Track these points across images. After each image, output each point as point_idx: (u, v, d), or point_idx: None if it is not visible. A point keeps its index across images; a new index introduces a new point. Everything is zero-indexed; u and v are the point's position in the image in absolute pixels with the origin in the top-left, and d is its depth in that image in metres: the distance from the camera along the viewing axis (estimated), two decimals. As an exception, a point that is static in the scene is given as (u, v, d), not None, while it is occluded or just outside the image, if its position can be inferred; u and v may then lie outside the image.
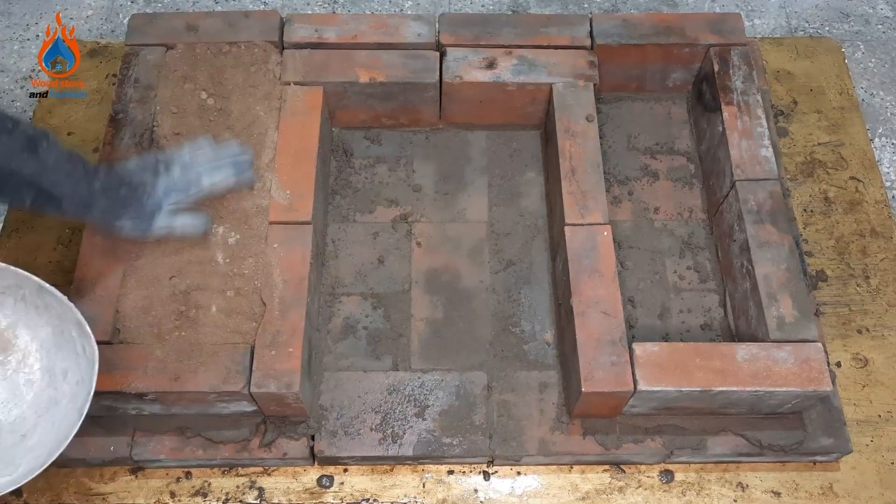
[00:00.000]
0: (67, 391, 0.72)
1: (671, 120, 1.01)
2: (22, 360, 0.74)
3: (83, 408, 0.67)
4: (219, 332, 0.78)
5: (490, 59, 0.93)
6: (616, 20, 0.96)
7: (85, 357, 0.70)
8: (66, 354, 0.72)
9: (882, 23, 1.73)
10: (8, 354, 0.74)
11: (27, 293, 0.72)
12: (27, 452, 0.69)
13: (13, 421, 0.72)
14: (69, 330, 0.71)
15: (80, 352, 0.71)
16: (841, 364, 0.89)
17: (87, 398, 0.67)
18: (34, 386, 0.74)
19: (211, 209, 0.84)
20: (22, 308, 0.74)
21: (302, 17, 0.96)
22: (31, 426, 0.72)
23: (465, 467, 0.83)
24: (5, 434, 0.72)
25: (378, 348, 0.87)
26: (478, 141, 1.00)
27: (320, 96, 0.90)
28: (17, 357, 0.74)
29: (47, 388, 0.73)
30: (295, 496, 0.82)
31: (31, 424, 0.72)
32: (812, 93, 1.07)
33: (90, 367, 0.69)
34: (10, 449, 0.70)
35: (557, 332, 0.87)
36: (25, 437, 0.71)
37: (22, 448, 0.70)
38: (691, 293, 0.90)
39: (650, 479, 0.83)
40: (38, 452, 0.68)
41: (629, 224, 0.94)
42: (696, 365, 0.76)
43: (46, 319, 0.73)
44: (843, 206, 0.99)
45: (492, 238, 0.93)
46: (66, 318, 0.71)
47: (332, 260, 0.91)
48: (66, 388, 0.72)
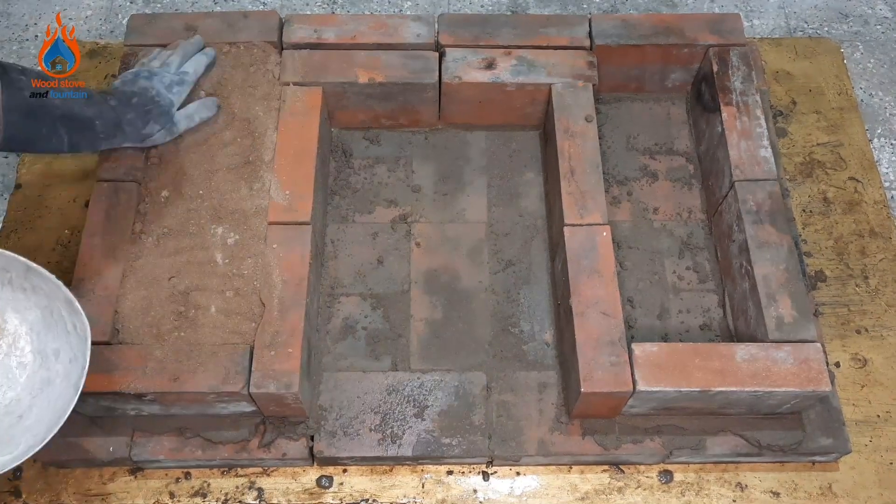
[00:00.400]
0: (61, 370, 0.72)
1: (670, 120, 1.01)
2: (12, 344, 0.75)
3: (78, 383, 0.68)
4: (218, 333, 0.78)
5: (489, 59, 0.93)
6: (615, 21, 0.96)
7: (76, 334, 0.71)
8: (57, 334, 0.73)
9: (881, 23, 1.73)
10: None
11: (13, 276, 0.73)
12: (25, 431, 0.70)
13: (8, 403, 0.73)
14: (58, 309, 0.72)
15: (71, 329, 0.72)
16: (840, 364, 0.89)
17: (82, 373, 0.68)
18: (27, 368, 0.74)
19: (210, 208, 0.84)
20: (9, 292, 0.74)
21: (301, 18, 0.96)
22: (27, 407, 0.72)
23: (464, 468, 0.83)
24: (2, 416, 0.72)
25: (377, 349, 0.87)
26: (477, 141, 1.00)
27: (319, 97, 0.90)
28: (7, 341, 0.75)
29: (40, 370, 0.74)
30: (294, 496, 0.82)
31: (26, 405, 0.72)
32: (811, 93, 1.07)
33: (82, 343, 0.70)
34: (8, 430, 0.71)
35: (556, 333, 0.87)
36: (22, 418, 0.72)
37: (20, 428, 0.71)
38: (690, 293, 0.90)
39: (649, 480, 0.83)
40: (37, 430, 0.68)
41: (628, 224, 0.94)
42: (695, 365, 0.76)
43: (34, 301, 0.74)
44: (842, 206, 0.99)
45: (491, 238, 0.93)
46: (55, 296, 0.71)
47: (332, 260, 0.92)
48: (59, 368, 0.73)
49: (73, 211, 0.96)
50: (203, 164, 0.87)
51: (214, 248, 0.82)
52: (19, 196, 0.98)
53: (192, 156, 0.87)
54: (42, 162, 1.00)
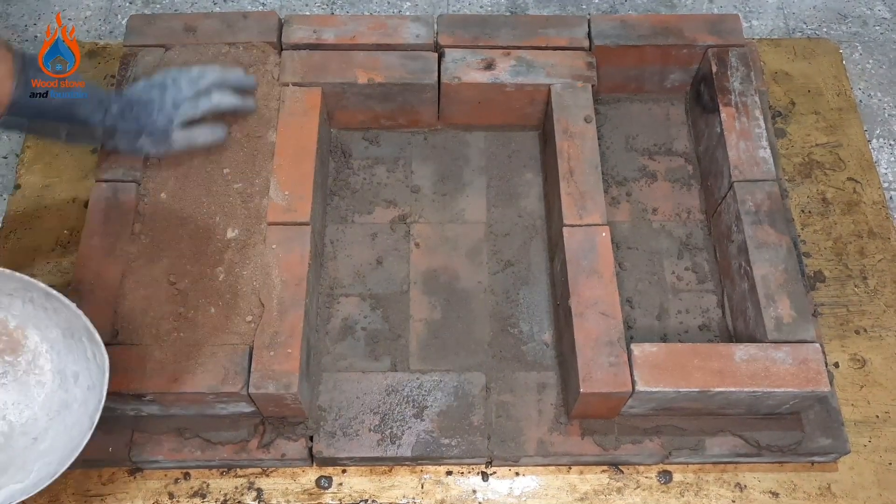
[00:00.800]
0: (79, 395, 0.71)
1: (669, 121, 1.01)
2: (32, 361, 0.73)
3: (94, 415, 0.66)
4: (217, 333, 0.78)
5: (488, 60, 0.93)
6: (614, 21, 0.96)
7: (95, 363, 0.69)
8: (77, 358, 0.71)
9: (879, 24, 1.74)
10: (18, 355, 0.73)
11: (35, 296, 0.71)
12: (39, 458, 0.68)
13: (25, 422, 0.71)
14: (79, 334, 0.70)
15: (91, 357, 0.70)
16: (839, 364, 0.89)
17: (98, 406, 0.66)
18: (45, 387, 0.72)
19: (210, 209, 0.84)
20: (30, 310, 0.72)
21: (300, 18, 0.96)
22: (43, 429, 0.71)
23: (463, 468, 0.83)
24: (17, 436, 0.70)
25: (376, 349, 0.87)
26: (476, 142, 1.00)
27: (319, 97, 0.90)
28: (26, 358, 0.73)
29: (58, 391, 0.72)
30: (293, 497, 0.82)
31: (42, 427, 0.71)
32: (810, 94, 1.07)
33: (101, 374, 0.68)
34: (23, 452, 0.69)
35: (556, 333, 0.87)
36: (37, 441, 0.70)
37: (34, 452, 0.69)
38: (689, 294, 0.90)
39: (648, 480, 0.83)
40: (50, 458, 0.67)
41: (627, 225, 0.94)
42: (694, 365, 0.76)
43: (55, 321, 0.72)
44: (841, 206, 0.99)
45: (490, 239, 0.93)
46: (75, 324, 0.70)
47: (331, 261, 0.92)
48: (77, 392, 0.71)
49: (73, 211, 0.96)
50: (202, 164, 0.87)
51: (213, 248, 0.82)
52: (19, 196, 0.98)
53: (192, 156, 0.87)
54: (42, 162, 1.00)
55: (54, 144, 0.99)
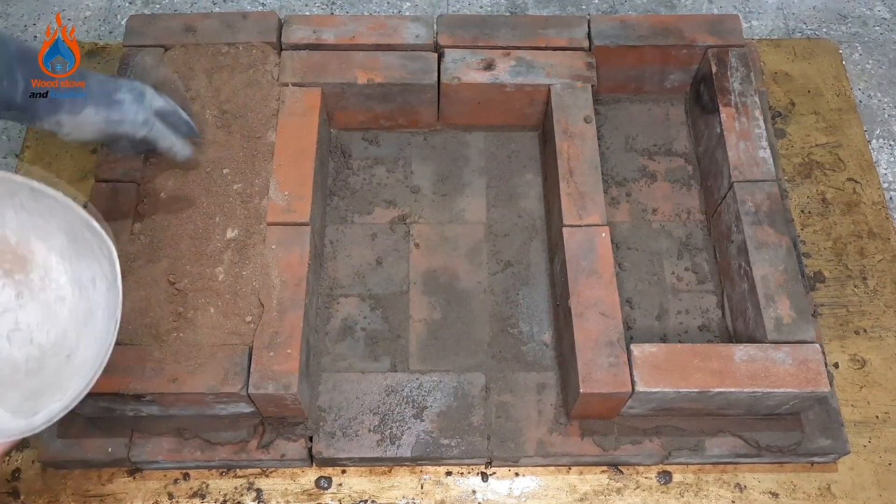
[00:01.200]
0: (101, 301, 0.64)
1: (669, 121, 1.01)
2: (45, 276, 0.66)
3: (116, 313, 0.61)
4: (217, 334, 0.78)
5: (488, 60, 0.93)
6: (614, 21, 0.96)
7: (104, 256, 0.63)
8: (89, 261, 0.65)
9: (879, 24, 1.74)
10: (28, 272, 0.66)
11: (23, 200, 0.64)
12: (74, 373, 0.62)
13: (54, 342, 0.65)
14: (81, 231, 0.63)
15: (99, 251, 0.63)
16: (839, 365, 0.89)
17: (118, 303, 0.61)
18: (66, 302, 0.66)
19: (209, 209, 0.84)
20: (25, 218, 0.65)
21: (300, 19, 0.96)
22: (74, 344, 0.65)
23: (463, 468, 0.83)
24: (49, 358, 0.65)
25: (376, 349, 0.87)
26: (476, 142, 1.00)
27: (318, 97, 0.90)
28: (38, 273, 0.66)
29: (81, 301, 0.66)
30: (293, 497, 0.82)
31: (72, 343, 0.65)
32: (810, 94, 1.08)
33: (112, 267, 0.62)
34: (57, 372, 0.64)
35: (555, 334, 0.87)
36: (70, 357, 0.64)
37: (69, 370, 0.63)
38: (689, 294, 0.90)
39: (648, 481, 0.83)
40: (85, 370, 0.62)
41: (627, 225, 0.94)
42: (693, 366, 0.76)
43: (56, 225, 0.65)
44: (841, 207, 0.99)
45: (490, 239, 0.93)
46: (73, 220, 0.63)
47: (331, 261, 0.91)
48: (98, 298, 0.65)
49: (72, 211, 0.96)
50: (201, 164, 0.87)
51: (213, 248, 0.82)
52: (18, 197, 0.98)
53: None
54: (41, 162, 1.00)
55: (54, 144, 0.99)
